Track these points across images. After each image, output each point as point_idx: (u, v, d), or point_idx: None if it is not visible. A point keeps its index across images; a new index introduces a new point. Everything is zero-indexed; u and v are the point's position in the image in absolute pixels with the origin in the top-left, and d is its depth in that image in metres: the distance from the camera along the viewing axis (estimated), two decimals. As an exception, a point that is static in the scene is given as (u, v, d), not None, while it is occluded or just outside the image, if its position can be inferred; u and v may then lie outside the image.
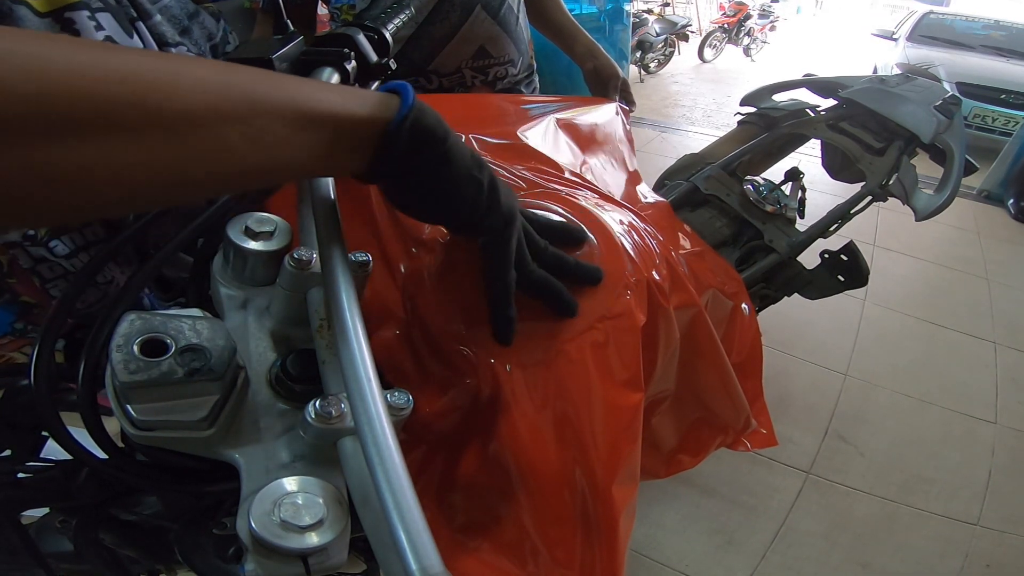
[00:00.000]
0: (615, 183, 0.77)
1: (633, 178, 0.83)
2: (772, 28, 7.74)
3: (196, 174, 0.27)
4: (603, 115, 0.87)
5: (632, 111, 1.00)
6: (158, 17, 0.58)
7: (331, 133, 0.31)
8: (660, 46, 5.56)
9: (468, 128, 0.65)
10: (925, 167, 1.21)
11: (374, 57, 0.54)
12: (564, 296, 0.45)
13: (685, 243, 0.83)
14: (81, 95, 0.22)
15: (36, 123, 0.21)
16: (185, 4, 0.63)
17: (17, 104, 0.21)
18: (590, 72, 1.05)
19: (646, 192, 0.84)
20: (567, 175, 0.67)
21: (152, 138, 0.24)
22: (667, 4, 6.74)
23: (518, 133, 0.68)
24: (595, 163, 0.76)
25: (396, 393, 0.34)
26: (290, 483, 0.30)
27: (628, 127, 0.91)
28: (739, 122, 1.30)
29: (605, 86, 1.03)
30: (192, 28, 0.64)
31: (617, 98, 1.01)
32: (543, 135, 0.71)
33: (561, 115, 0.78)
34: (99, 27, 0.53)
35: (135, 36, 0.56)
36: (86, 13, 0.52)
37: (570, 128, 0.77)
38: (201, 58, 0.28)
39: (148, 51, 0.27)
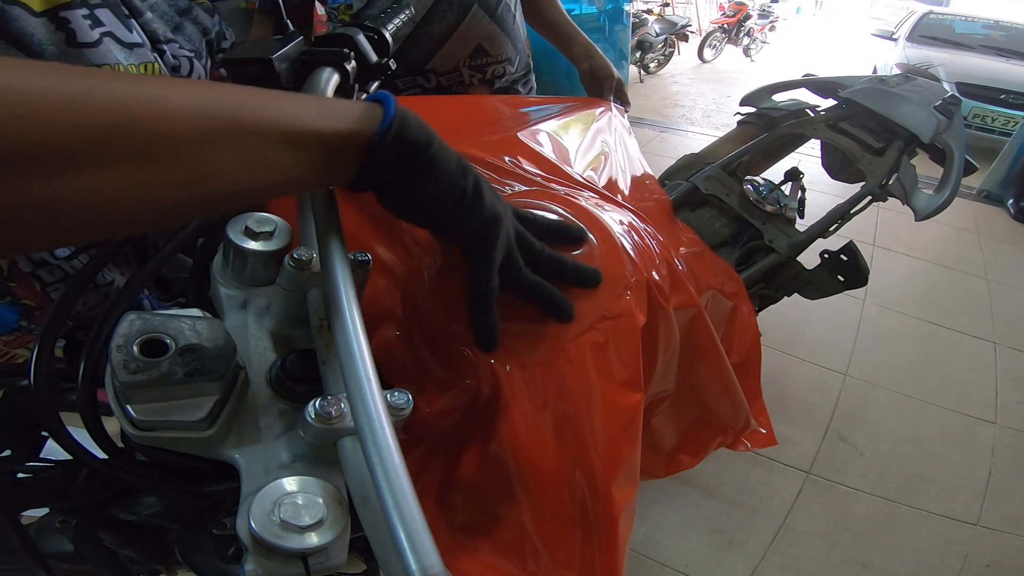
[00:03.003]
0: (615, 182, 0.77)
1: (634, 176, 0.83)
2: (772, 28, 7.73)
3: (184, 199, 0.27)
4: (600, 115, 0.87)
5: (627, 111, 1.00)
6: (149, 15, 0.58)
7: (316, 150, 0.31)
8: (660, 46, 5.55)
9: (468, 131, 0.65)
10: (925, 167, 1.21)
11: (374, 57, 0.54)
12: (559, 301, 0.45)
13: (685, 243, 0.83)
14: (68, 127, 0.22)
15: (24, 157, 0.21)
16: (175, 0, 0.63)
17: (5, 138, 0.20)
18: (586, 72, 1.06)
19: (651, 186, 0.84)
20: (566, 176, 0.67)
21: (140, 166, 0.24)
22: (667, 4, 6.74)
23: (517, 135, 0.68)
24: (593, 163, 0.76)
25: (396, 393, 0.34)
26: (290, 483, 0.30)
27: (626, 126, 0.91)
28: (739, 122, 1.30)
29: (600, 86, 1.03)
30: (184, 24, 0.63)
31: (612, 98, 1.01)
32: (542, 136, 0.71)
33: (559, 116, 0.78)
34: (98, 24, 0.53)
35: (134, 32, 0.56)
36: (83, 11, 0.51)
37: (568, 128, 0.77)
38: (184, 80, 0.28)
39: (132, 76, 0.26)
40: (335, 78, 0.48)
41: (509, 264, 0.42)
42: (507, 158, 0.64)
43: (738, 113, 1.32)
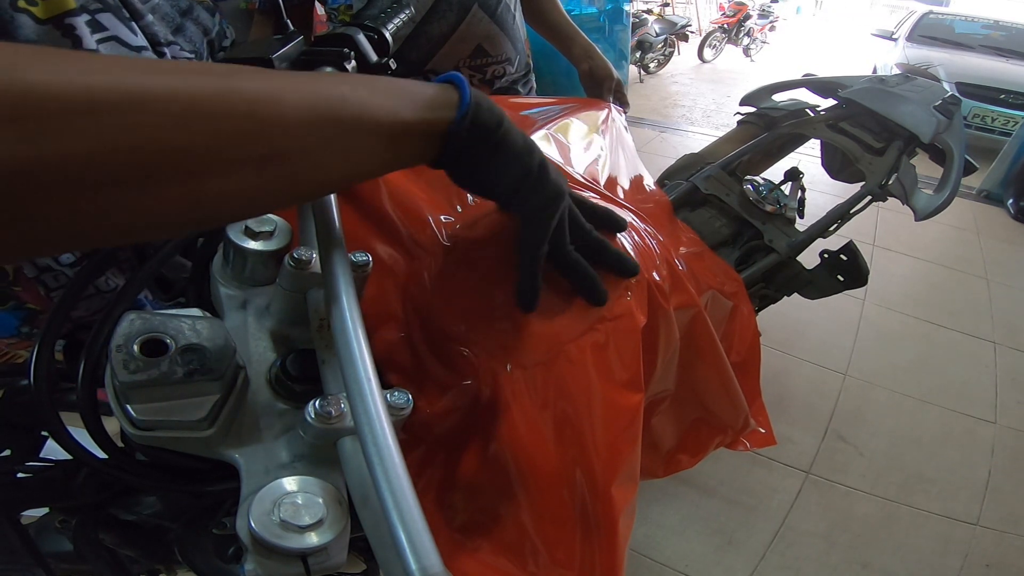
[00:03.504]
0: (615, 183, 0.77)
1: (633, 177, 0.83)
2: (772, 28, 7.74)
3: (295, 191, 0.30)
4: (599, 115, 0.87)
5: (625, 112, 1.00)
6: (150, 17, 0.58)
7: (408, 139, 0.34)
8: (660, 46, 5.55)
9: None
10: (925, 167, 1.21)
11: (374, 57, 0.54)
12: (595, 282, 0.47)
13: (685, 243, 0.83)
14: (209, 135, 0.24)
15: (182, 161, 0.23)
16: (177, 1, 0.63)
17: (166, 143, 0.23)
18: (585, 73, 1.06)
19: (649, 185, 0.84)
20: (567, 175, 0.67)
21: (264, 168, 0.26)
22: (667, 4, 6.74)
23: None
24: (593, 163, 0.76)
25: (396, 393, 0.34)
26: (290, 483, 0.30)
27: (625, 126, 0.91)
28: (739, 122, 1.30)
29: (599, 87, 1.03)
30: (186, 25, 0.63)
31: (611, 99, 1.01)
32: (542, 138, 0.71)
33: (559, 117, 0.78)
34: (100, 28, 0.53)
35: (138, 35, 0.56)
36: (85, 17, 0.51)
37: (568, 129, 0.77)
38: (288, 74, 0.30)
39: (245, 71, 0.27)
40: (335, 78, 0.48)
41: (556, 238, 0.44)
42: None
43: (738, 113, 1.32)
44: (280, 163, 0.27)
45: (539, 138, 0.70)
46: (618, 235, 0.55)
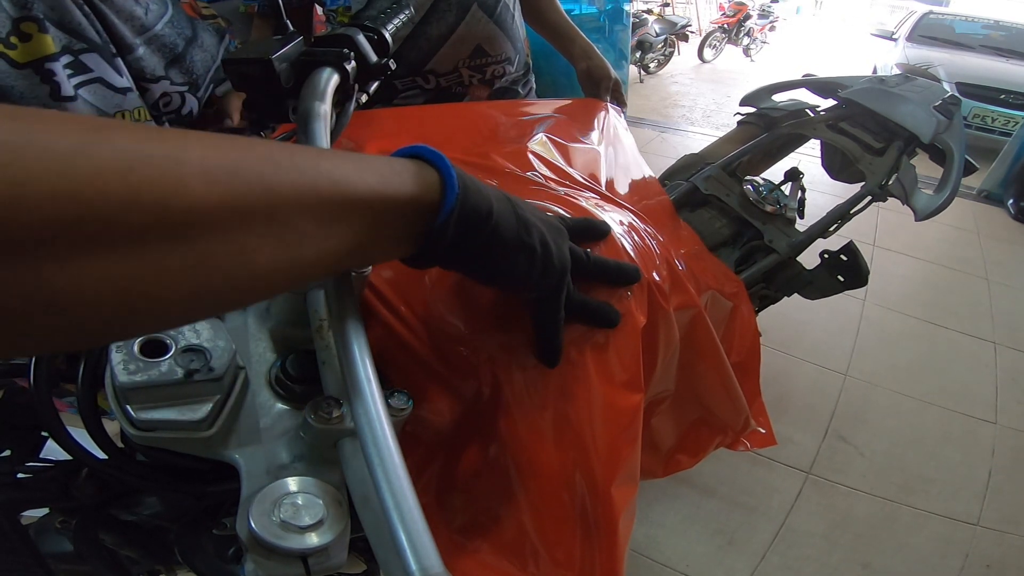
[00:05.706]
0: (614, 183, 0.77)
1: (633, 176, 0.83)
2: (772, 28, 7.74)
3: (213, 285, 0.22)
4: (597, 115, 0.87)
5: (623, 112, 1.00)
6: (141, 51, 0.56)
7: (370, 220, 0.27)
8: (660, 46, 5.56)
9: (474, 142, 0.65)
10: (925, 167, 1.21)
11: (374, 57, 0.54)
12: (604, 313, 0.46)
13: (685, 243, 0.83)
14: (63, 197, 0.17)
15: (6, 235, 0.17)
16: (183, 29, 0.62)
17: None
18: (583, 72, 1.06)
19: (651, 186, 0.84)
20: (567, 176, 0.67)
21: (156, 245, 0.20)
22: (667, 4, 6.74)
23: (527, 144, 0.68)
24: (592, 164, 0.76)
25: (396, 394, 0.34)
26: (290, 483, 0.30)
27: (625, 127, 0.91)
28: (739, 122, 1.30)
29: (597, 86, 1.04)
30: (187, 55, 0.62)
31: (608, 98, 1.01)
32: (542, 140, 0.71)
33: (556, 118, 0.78)
34: (84, 70, 0.52)
35: (124, 76, 0.55)
36: (67, 59, 0.50)
37: (566, 131, 0.77)
38: (205, 135, 0.23)
39: (143, 128, 0.22)
40: (335, 78, 0.48)
41: (566, 294, 0.42)
42: (512, 164, 0.64)
43: (738, 113, 1.32)
44: (180, 241, 0.21)
45: (537, 142, 0.70)
46: (618, 236, 0.55)
